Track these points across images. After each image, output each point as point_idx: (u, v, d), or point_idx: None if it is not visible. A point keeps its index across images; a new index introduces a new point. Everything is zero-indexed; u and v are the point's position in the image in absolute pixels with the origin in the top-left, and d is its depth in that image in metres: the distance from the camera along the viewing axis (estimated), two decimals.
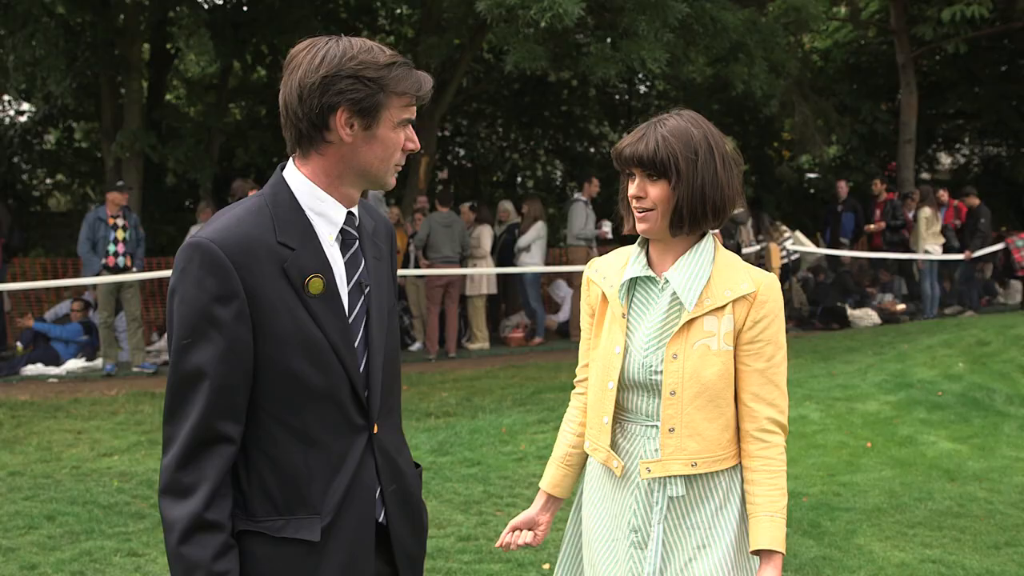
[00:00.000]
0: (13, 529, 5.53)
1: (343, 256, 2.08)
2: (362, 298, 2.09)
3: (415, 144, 2.10)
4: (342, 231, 2.08)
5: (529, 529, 2.67)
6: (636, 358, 2.40)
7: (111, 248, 10.49)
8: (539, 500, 2.68)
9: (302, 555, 1.98)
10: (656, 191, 2.36)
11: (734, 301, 2.37)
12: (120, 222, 10.55)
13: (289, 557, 1.98)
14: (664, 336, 2.38)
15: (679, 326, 2.37)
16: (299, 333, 1.97)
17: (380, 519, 2.11)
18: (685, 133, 2.35)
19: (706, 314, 2.36)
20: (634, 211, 2.41)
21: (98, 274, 10.44)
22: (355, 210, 2.11)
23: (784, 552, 2.36)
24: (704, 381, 2.35)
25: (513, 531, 2.67)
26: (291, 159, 2.08)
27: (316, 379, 1.99)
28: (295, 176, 2.05)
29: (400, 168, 2.12)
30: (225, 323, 1.91)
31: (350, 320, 2.05)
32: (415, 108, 2.08)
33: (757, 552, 2.36)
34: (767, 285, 2.39)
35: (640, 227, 2.41)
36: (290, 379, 1.97)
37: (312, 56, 1.97)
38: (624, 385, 2.43)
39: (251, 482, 1.99)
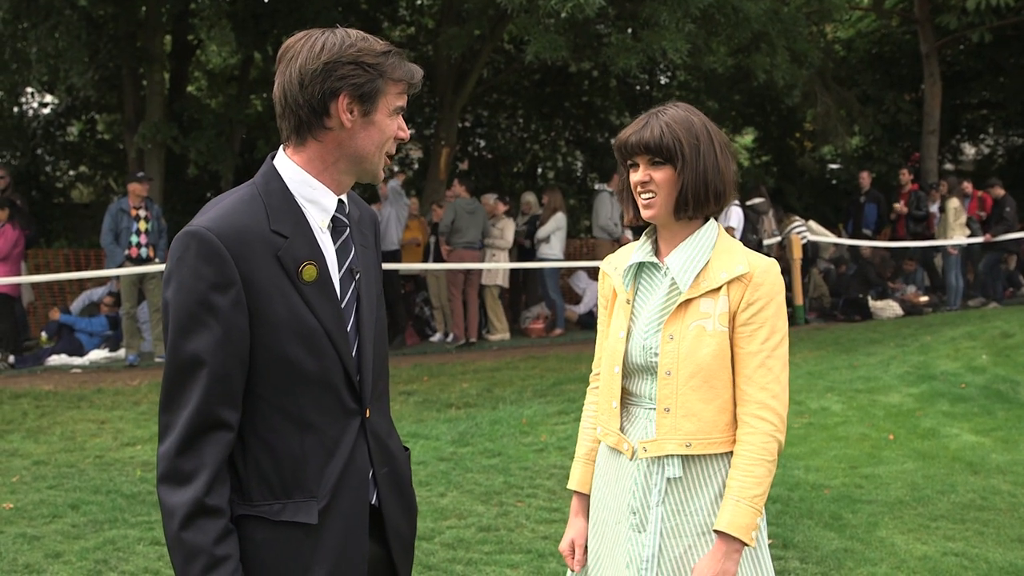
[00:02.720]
0: (38, 518, 5.58)
1: (334, 243, 2.11)
2: (353, 284, 2.13)
3: (406, 133, 2.14)
4: (333, 219, 2.11)
5: (582, 539, 2.65)
6: (637, 341, 2.45)
7: (134, 239, 10.57)
8: (574, 503, 2.69)
9: (300, 538, 2.02)
10: (661, 175, 2.42)
11: (729, 283, 2.40)
12: (143, 213, 10.63)
13: (287, 540, 2.01)
14: (662, 318, 2.43)
15: (675, 307, 2.40)
16: (294, 320, 2.00)
17: (373, 501, 2.15)
18: (686, 120, 2.43)
19: (702, 296, 2.40)
20: (638, 199, 2.47)
21: (121, 265, 10.51)
22: (345, 198, 2.15)
23: (746, 542, 2.30)
24: (698, 361, 2.37)
25: (572, 551, 2.64)
26: (281, 148, 2.12)
27: (311, 364, 2.01)
28: (286, 165, 2.08)
29: (391, 159, 2.17)
30: (222, 311, 1.93)
31: (342, 306, 2.08)
32: (407, 98, 2.12)
33: (718, 532, 2.34)
34: (764, 268, 2.41)
35: (645, 214, 2.47)
36: (285, 365, 2.00)
37: (311, 45, 2.01)
38: (628, 369, 2.47)
39: (248, 467, 2.02)
